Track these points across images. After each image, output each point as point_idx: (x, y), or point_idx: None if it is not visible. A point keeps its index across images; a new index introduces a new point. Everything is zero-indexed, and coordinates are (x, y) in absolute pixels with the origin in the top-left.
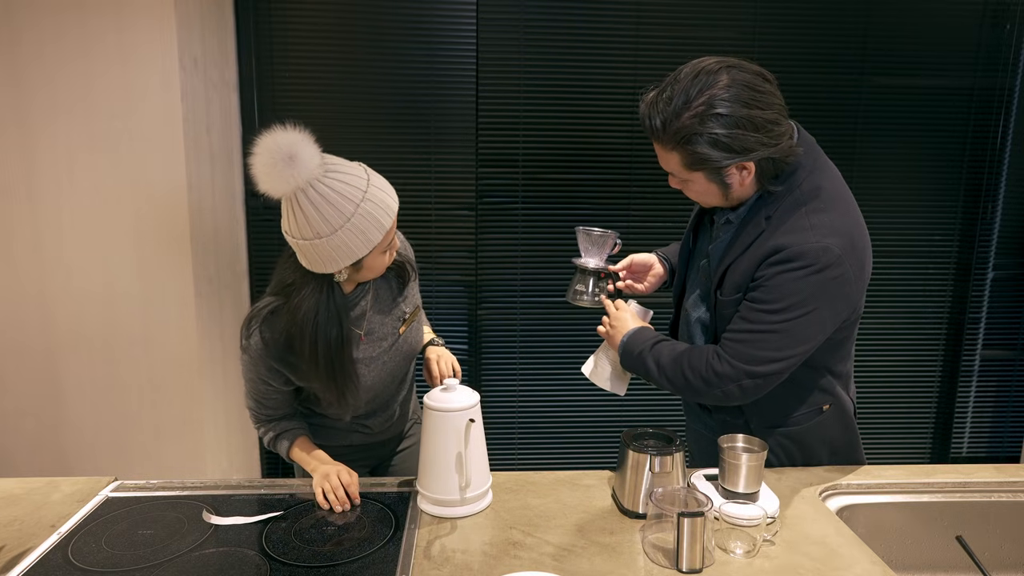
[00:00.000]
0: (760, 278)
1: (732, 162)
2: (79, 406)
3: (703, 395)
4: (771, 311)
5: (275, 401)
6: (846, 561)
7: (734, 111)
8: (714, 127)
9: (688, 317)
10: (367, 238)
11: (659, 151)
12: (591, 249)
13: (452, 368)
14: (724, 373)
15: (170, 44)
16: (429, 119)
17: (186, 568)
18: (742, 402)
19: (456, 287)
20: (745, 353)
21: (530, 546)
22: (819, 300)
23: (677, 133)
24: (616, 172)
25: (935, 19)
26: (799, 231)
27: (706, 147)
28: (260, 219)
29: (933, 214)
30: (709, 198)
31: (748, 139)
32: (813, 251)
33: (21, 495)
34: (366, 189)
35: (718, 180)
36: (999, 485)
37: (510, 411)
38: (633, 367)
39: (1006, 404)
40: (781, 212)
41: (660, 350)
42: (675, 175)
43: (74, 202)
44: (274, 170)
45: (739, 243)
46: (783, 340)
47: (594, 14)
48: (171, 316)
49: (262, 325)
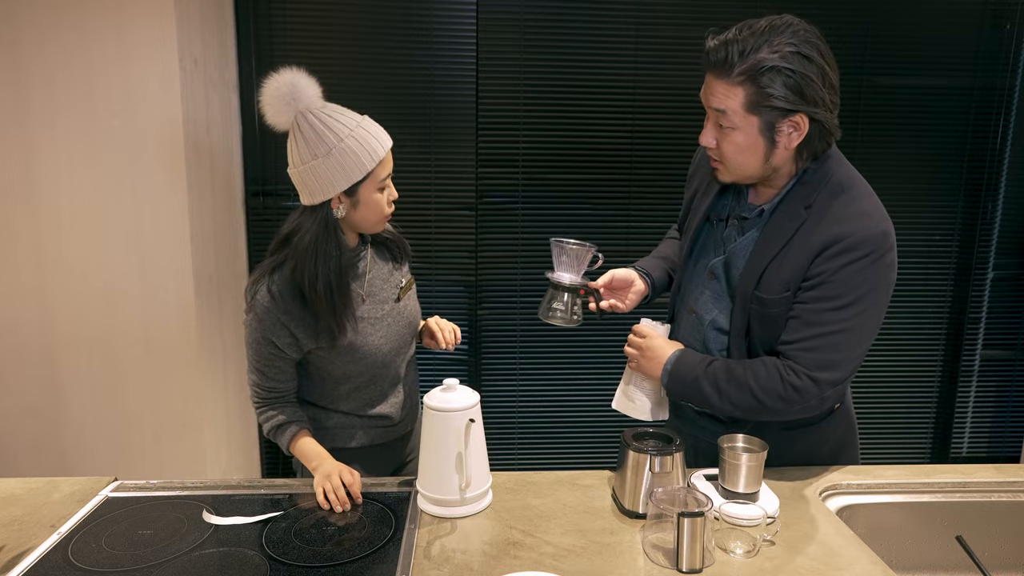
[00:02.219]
0: (822, 273)
1: (798, 110)
2: (79, 406)
3: (780, 415)
4: (841, 307)
5: (278, 371)
6: (846, 561)
7: (815, 58)
8: (795, 65)
9: (698, 321)
10: (360, 161)
11: (718, 87)
12: (567, 263)
13: (454, 332)
14: (805, 388)
15: (170, 44)
16: (429, 119)
17: (186, 568)
18: (819, 411)
19: (456, 287)
20: (822, 360)
21: (530, 546)
22: (881, 288)
23: (756, 65)
24: (616, 172)
25: (935, 19)
26: (853, 218)
27: (779, 86)
28: (260, 219)
29: (933, 214)
30: (744, 158)
31: (818, 92)
32: (874, 237)
33: (21, 495)
34: (360, 120)
35: (768, 134)
36: (999, 485)
37: (510, 411)
38: (683, 395)
39: (1006, 404)
40: (822, 201)
41: (715, 373)
42: (726, 117)
43: (74, 202)
44: (279, 101)
45: (775, 237)
46: (857, 337)
47: (594, 14)
48: (171, 316)
49: (268, 280)
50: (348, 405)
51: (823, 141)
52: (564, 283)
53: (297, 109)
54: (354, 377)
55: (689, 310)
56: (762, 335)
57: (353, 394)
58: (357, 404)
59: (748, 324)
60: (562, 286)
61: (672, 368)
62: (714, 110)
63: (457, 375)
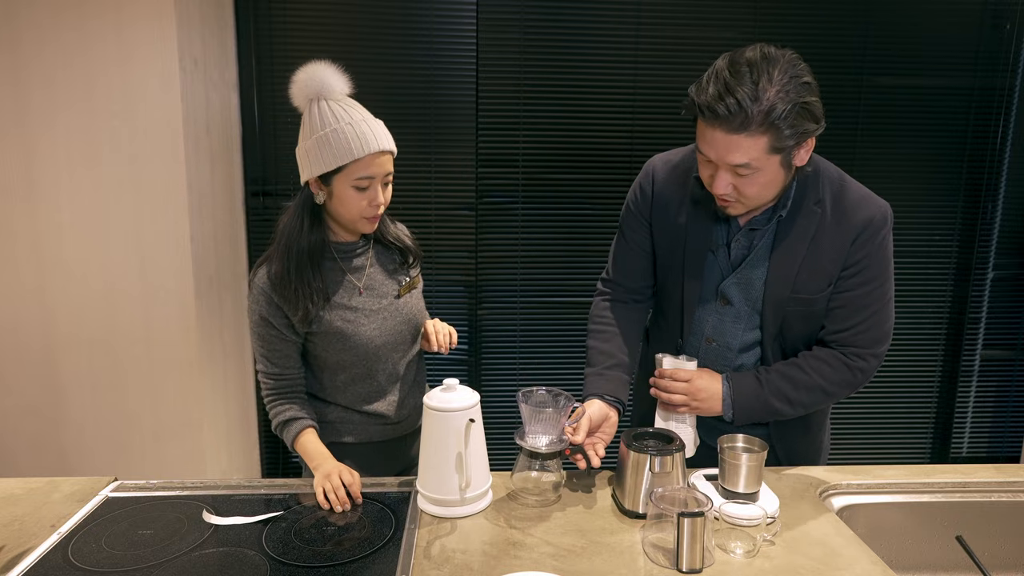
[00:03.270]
0: (863, 259)
1: (817, 131)
2: (79, 406)
3: (847, 395)
4: (882, 284)
5: (280, 355)
6: (846, 561)
7: (808, 78)
8: (802, 96)
9: (720, 348)
10: (335, 152)
11: (740, 142)
12: (544, 423)
13: (449, 335)
14: (869, 367)
15: (170, 44)
16: (429, 119)
17: (186, 568)
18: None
19: (456, 287)
20: (877, 336)
21: (530, 546)
22: (893, 256)
23: (771, 110)
24: (616, 172)
25: (935, 19)
26: (866, 201)
27: (794, 121)
28: (260, 219)
29: (933, 214)
30: (768, 192)
31: (818, 109)
32: (885, 212)
33: (21, 495)
34: (366, 119)
35: (787, 163)
36: (999, 485)
37: (510, 411)
38: (751, 419)
39: (1006, 404)
40: (827, 195)
41: (778, 387)
42: (746, 168)
43: (74, 202)
44: (306, 88)
45: (797, 239)
46: (892, 305)
47: (594, 14)
48: (171, 316)
49: (267, 263)
50: (345, 398)
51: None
52: (541, 450)
53: (319, 95)
54: (348, 367)
55: (707, 340)
56: (801, 332)
57: (349, 387)
58: (353, 398)
59: (780, 330)
60: (539, 454)
61: (734, 400)
62: (729, 164)
63: (457, 375)
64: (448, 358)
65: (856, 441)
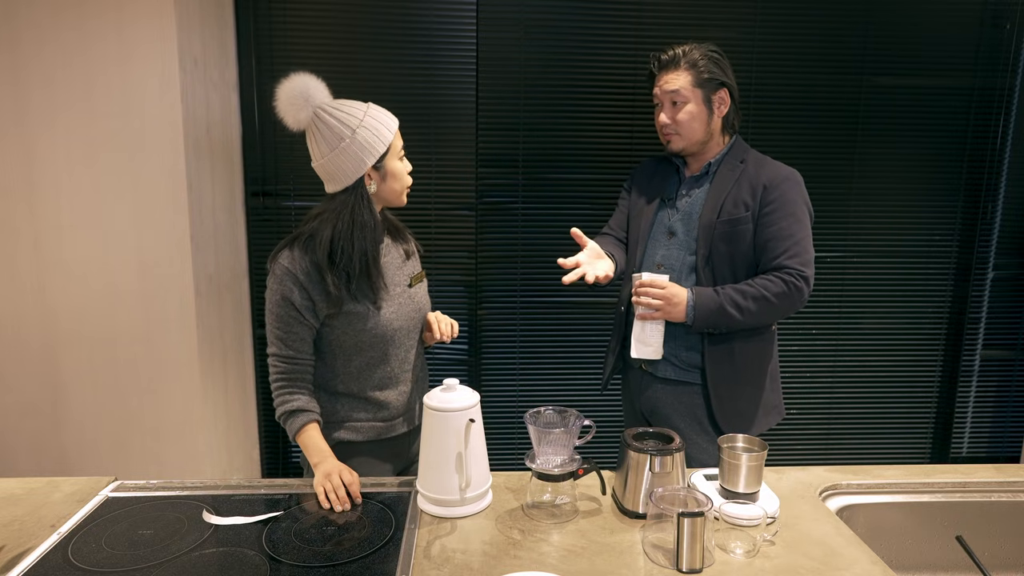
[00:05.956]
0: (775, 200)
1: (724, 83)
2: (79, 405)
3: (792, 311)
4: (798, 218)
5: (296, 337)
6: (846, 561)
7: (725, 61)
8: (715, 56)
9: (667, 271)
10: (381, 134)
11: (671, 76)
12: (553, 444)
13: (451, 325)
14: (802, 286)
15: (170, 44)
16: (429, 119)
17: (186, 568)
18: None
19: (456, 287)
20: (804, 260)
21: (530, 546)
22: (806, 204)
23: (690, 59)
24: (616, 172)
25: (935, 19)
26: (776, 164)
27: (711, 64)
28: (260, 219)
29: (933, 214)
30: (696, 124)
31: (731, 77)
32: (794, 172)
33: (21, 495)
34: (367, 104)
35: (708, 105)
36: (999, 485)
37: (510, 411)
38: (708, 325)
39: (1006, 404)
40: (750, 159)
41: (731, 297)
42: (678, 94)
43: (74, 202)
44: (294, 104)
45: (724, 182)
46: (810, 239)
47: (594, 14)
48: (171, 316)
49: (291, 246)
50: (358, 384)
51: (735, 120)
52: (554, 472)
53: (312, 107)
54: (365, 349)
55: (657, 266)
56: (725, 252)
57: (364, 372)
58: (365, 383)
59: (709, 252)
60: (551, 476)
61: (695, 305)
62: (668, 92)
63: (457, 375)
64: (448, 358)
65: (856, 441)
